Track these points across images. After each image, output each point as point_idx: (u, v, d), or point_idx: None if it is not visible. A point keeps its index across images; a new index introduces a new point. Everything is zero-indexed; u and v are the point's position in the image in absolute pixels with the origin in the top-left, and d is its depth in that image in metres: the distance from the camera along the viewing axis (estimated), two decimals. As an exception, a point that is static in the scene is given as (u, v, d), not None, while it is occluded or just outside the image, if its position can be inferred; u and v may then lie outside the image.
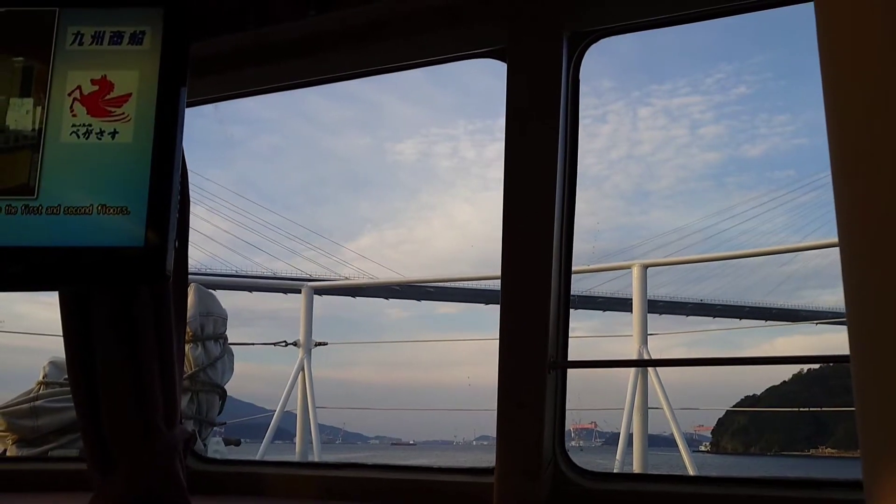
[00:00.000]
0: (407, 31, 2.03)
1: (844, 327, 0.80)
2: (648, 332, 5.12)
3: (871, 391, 0.76)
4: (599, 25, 1.92)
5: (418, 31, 2.02)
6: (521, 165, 1.93)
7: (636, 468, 4.97)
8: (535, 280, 1.91)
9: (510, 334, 1.93)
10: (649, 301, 5.14)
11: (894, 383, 0.74)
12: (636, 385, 5.07)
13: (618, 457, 5.16)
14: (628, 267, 5.21)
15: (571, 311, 2.00)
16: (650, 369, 5.11)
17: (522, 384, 1.92)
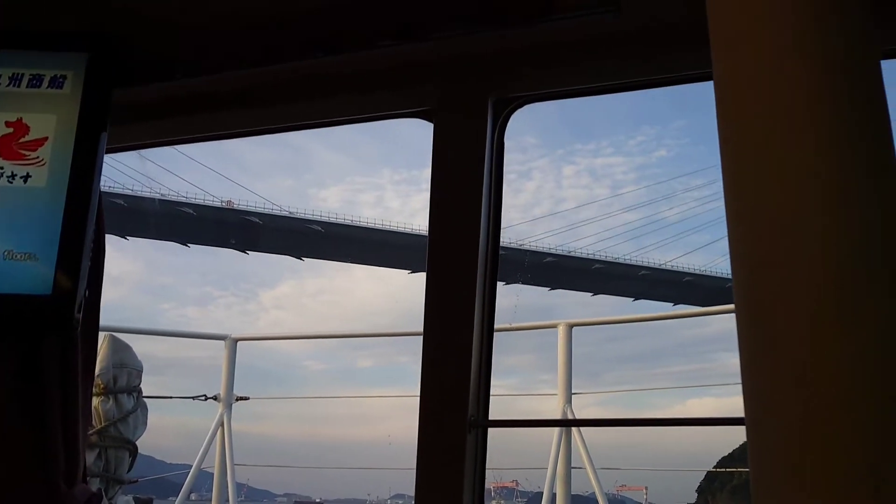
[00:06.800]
0: (338, 89, 2.06)
1: None
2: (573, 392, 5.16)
3: (764, 453, 0.79)
4: (524, 92, 1.99)
5: (349, 89, 2.05)
6: (445, 224, 1.96)
7: (558, 529, 4.95)
8: (456, 338, 1.92)
9: (430, 392, 1.93)
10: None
11: (784, 445, 0.77)
12: (559, 444, 5.08)
13: (540, 518, 5.14)
14: (554, 326, 5.26)
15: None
16: (573, 429, 5.14)
17: (442, 443, 1.91)
